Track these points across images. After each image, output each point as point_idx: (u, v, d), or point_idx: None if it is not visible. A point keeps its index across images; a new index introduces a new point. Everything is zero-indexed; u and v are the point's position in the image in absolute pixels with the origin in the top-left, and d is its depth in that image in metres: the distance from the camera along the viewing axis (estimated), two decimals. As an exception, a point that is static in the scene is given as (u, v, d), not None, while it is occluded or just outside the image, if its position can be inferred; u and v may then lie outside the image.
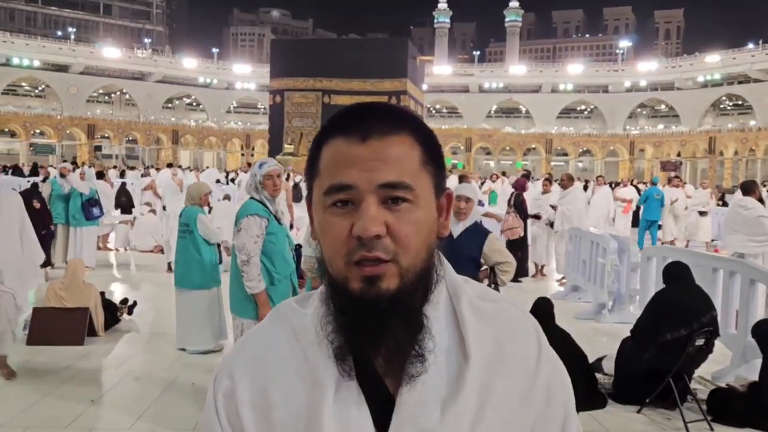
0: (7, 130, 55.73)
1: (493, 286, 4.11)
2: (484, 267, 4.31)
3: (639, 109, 68.44)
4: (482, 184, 21.46)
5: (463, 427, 0.77)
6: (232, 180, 21.94)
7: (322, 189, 0.80)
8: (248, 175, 4.32)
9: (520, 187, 10.56)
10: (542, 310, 4.94)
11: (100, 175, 12.40)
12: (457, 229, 4.24)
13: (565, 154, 64.87)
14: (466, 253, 4.15)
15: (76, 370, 5.42)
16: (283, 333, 0.86)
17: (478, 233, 4.32)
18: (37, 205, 9.59)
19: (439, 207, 0.84)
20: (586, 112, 71.43)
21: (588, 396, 4.63)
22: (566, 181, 10.03)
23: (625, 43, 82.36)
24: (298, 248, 4.29)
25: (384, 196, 0.77)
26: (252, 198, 4.07)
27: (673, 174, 28.68)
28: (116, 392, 5.00)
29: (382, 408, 0.79)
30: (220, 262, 6.05)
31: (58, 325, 6.06)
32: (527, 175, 13.57)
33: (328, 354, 0.80)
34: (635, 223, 15.85)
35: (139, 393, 4.93)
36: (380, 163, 0.78)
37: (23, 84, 61.49)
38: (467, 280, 0.90)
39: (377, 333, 0.77)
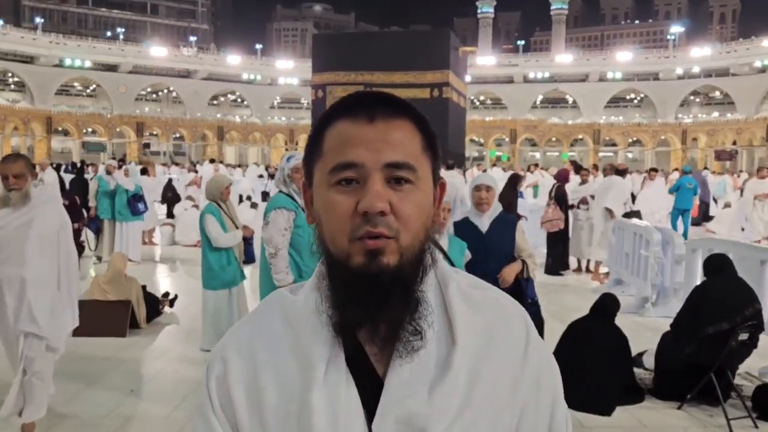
0: (60, 129, 57.67)
1: (525, 277, 3.96)
2: (516, 261, 3.99)
3: (692, 97, 66.16)
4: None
5: (451, 410, 0.79)
6: (271, 176, 22.20)
7: (327, 168, 0.83)
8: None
9: (562, 178, 10.36)
10: (604, 306, 4.81)
11: (144, 171, 12.69)
12: (483, 222, 3.99)
13: (614, 145, 63.29)
14: (500, 247, 3.90)
15: (117, 360, 5.58)
16: (274, 319, 0.88)
17: (507, 223, 4.07)
18: (65, 202, 9.93)
19: (434, 195, 0.87)
20: (635, 101, 69.47)
21: (624, 390, 4.51)
22: (608, 171, 9.79)
23: (677, 29, 79.70)
24: None
25: (389, 175, 0.81)
26: (280, 191, 4.10)
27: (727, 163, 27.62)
28: (155, 383, 5.12)
29: (370, 390, 0.81)
30: (246, 261, 5.84)
31: (101, 317, 6.23)
32: (577, 166, 13.22)
33: (319, 336, 0.82)
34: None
35: (176, 384, 5.04)
36: (386, 144, 0.81)
37: (75, 84, 63.50)
38: (457, 270, 0.92)
39: (376, 307, 0.79)
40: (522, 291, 3.88)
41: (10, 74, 59.04)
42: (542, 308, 4.21)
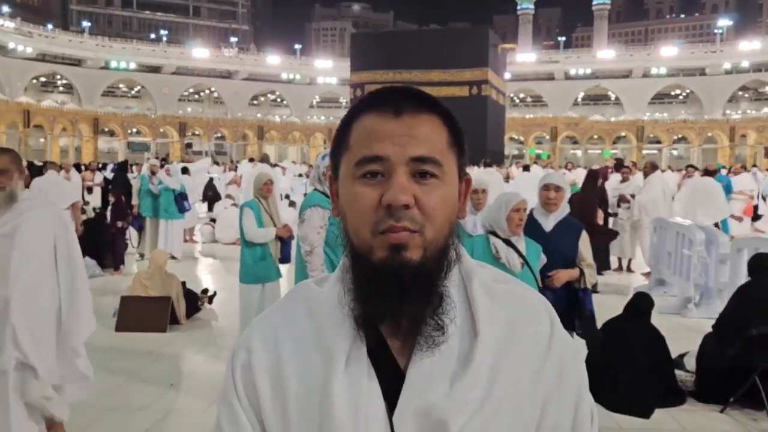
0: (107, 129, 59.26)
1: (581, 287, 3.78)
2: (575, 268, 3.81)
3: (740, 92, 64.14)
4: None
5: (472, 403, 0.79)
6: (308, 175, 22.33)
7: (352, 161, 0.83)
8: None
9: (602, 176, 10.18)
10: (638, 305, 4.71)
11: (185, 171, 12.95)
12: (548, 222, 3.84)
13: (658, 142, 61.79)
14: (560, 249, 3.74)
15: (158, 355, 5.71)
16: (298, 309, 0.90)
17: (572, 227, 3.87)
18: (111, 198, 10.20)
19: (459, 191, 0.88)
20: (681, 97, 67.71)
21: (664, 393, 4.40)
22: (648, 169, 9.56)
23: (724, 22, 77.35)
24: None
25: (414, 169, 0.81)
26: (316, 189, 4.11)
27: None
28: (194, 377, 5.23)
29: (391, 382, 0.81)
30: (282, 260, 5.63)
31: (142, 313, 6.40)
32: (620, 163, 12.96)
33: (342, 328, 0.83)
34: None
35: (214, 378, 5.12)
36: (412, 138, 0.82)
37: (121, 86, 65.16)
38: (482, 264, 0.93)
39: (397, 302, 0.79)
40: (580, 302, 3.75)
41: (58, 76, 60.97)
42: None
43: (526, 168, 16.82)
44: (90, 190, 15.72)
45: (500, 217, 3.39)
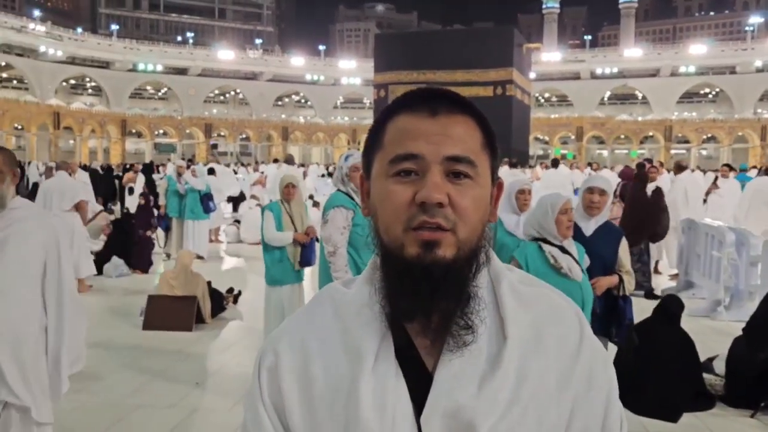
0: (134, 131, 60.17)
1: (621, 295, 3.66)
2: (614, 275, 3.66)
3: (772, 91, 62.92)
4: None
5: (499, 405, 0.79)
6: (330, 174, 22.40)
7: (386, 159, 0.84)
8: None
9: (627, 176, 10.03)
10: (667, 307, 4.63)
11: (211, 171, 13.08)
12: (588, 226, 3.69)
13: (687, 142, 60.81)
14: (600, 255, 3.60)
15: (184, 354, 5.77)
16: (326, 311, 0.90)
17: (612, 233, 3.74)
18: (141, 200, 10.33)
19: (491, 193, 0.88)
20: (710, 96, 66.53)
21: (693, 396, 4.32)
22: (676, 170, 9.40)
23: (755, 19, 75.76)
24: None
25: (448, 169, 0.81)
26: (339, 190, 4.11)
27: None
28: (219, 376, 5.28)
29: (419, 383, 0.81)
30: (303, 263, 5.56)
31: (169, 312, 6.48)
32: (641, 166, 12.72)
33: (369, 327, 0.83)
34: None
35: (239, 378, 5.16)
36: (447, 138, 0.82)
37: (148, 88, 66.14)
38: (510, 267, 0.92)
39: (428, 299, 0.79)
40: (620, 310, 3.64)
41: (87, 79, 62.11)
42: None
43: (555, 164, 16.43)
44: (131, 190, 15.91)
45: (548, 221, 3.22)
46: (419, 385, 0.81)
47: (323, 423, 0.83)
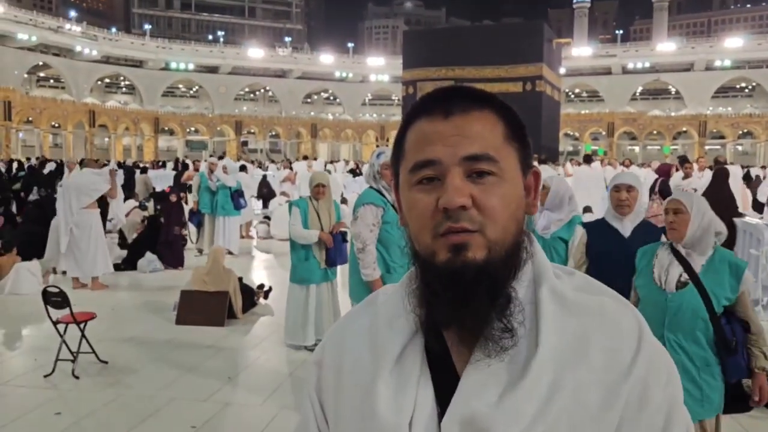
0: (166, 128, 61.10)
1: None
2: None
3: (811, 84, 61.18)
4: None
5: (522, 418, 0.74)
6: (353, 172, 22.34)
7: (408, 168, 0.83)
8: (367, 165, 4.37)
9: (664, 173, 9.89)
10: None
11: (243, 168, 13.20)
12: (624, 227, 3.42)
13: (722, 137, 59.48)
14: None
15: (216, 349, 5.84)
16: (367, 311, 0.91)
17: (651, 232, 3.42)
18: (173, 198, 10.47)
19: (527, 186, 0.84)
20: (746, 90, 64.97)
21: (730, 398, 4.23)
22: (714, 166, 9.22)
23: (793, 11, 73.81)
24: None
25: (468, 169, 0.79)
26: (371, 187, 4.12)
27: None
28: (250, 371, 5.33)
29: (447, 387, 0.79)
30: (329, 263, 5.62)
31: (201, 307, 6.57)
32: (684, 160, 12.49)
33: (397, 328, 0.84)
34: None
35: (270, 373, 5.22)
36: (463, 138, 0.80)
37: (180, 86, 67.08)
38: (572, 272, 0.87)
39: (461, 304, 0.77)
40: None
41: (121, 78, 63.23)
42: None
43: (588, 160, 16.08)
44: (190, 188, 16.09)
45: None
46: (447, 389, 0.79)
47: (346, 417, 0.85)
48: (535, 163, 0.87)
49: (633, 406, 0.76)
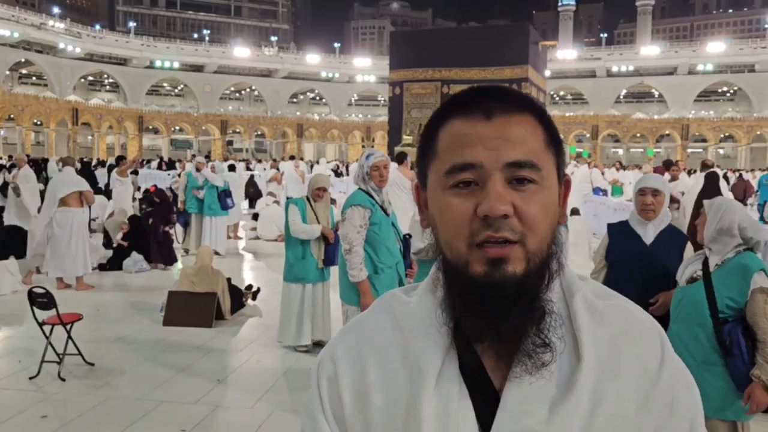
0: (151, 127, 60.58)
1: None
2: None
3: (791, 89, 62.10)
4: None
5: (571, 431, 0.73)
6: (336, 172, 22.26)
7: (442, 170, 0.77)
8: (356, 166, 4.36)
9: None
10: None
11: (231, 168, 13.12)
12: (647, 232, 3.28)
13: (704, 140, 60.19)
14: (663, 263, 3.18)
15: (205, 350, 5.79)
16: (384, 320, 0.85)
17: (675, 238, 3.28)
18: (156, 199, 10.41)
19: (558, 193, 0.81)
20: (728, 94, 65.82)
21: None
22: (702, 168, 9.32)
23: (774, 17, 74.90)
24: (406, 238, 4.26)
25: (510, 175, 0.74)
26: (359, 188, 4.13)
27: None
28: (240, 373, 5.28)
29: (485, 404, 0.76)
30: (327, 261, 5.60)
31: (189, 308, 6.50)
32: (669, 164, 12.61)
33: (432, 342, 0.78)
34: None
35: (261, 374, 5.18)
36: (506, 142, 0.75)
37: (165, 84, 66.60)
38: (584, 277, 0.85)
39: (499, 319, 0.73)
40: None
41: (105, 75, 62.64)
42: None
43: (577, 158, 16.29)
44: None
45: None
46: (486, 406, 0.75)
47: None
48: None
49: (664, 412, 0.76)
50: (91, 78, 62.71)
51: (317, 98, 72.07)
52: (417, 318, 0.81)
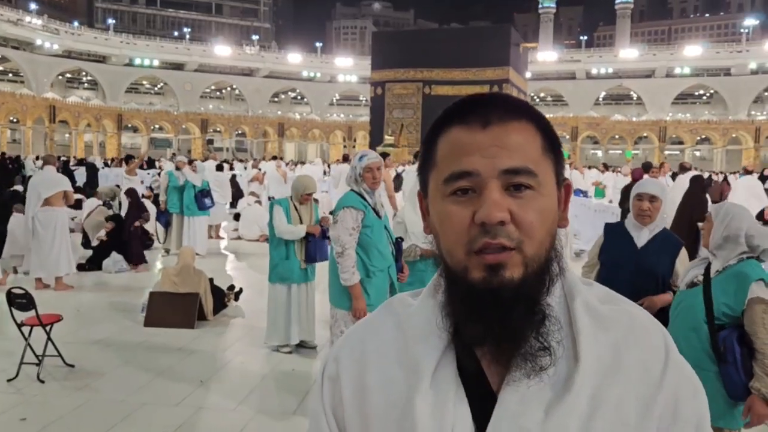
0: (130, 125, 59.90)
1: None
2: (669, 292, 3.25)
3: (766, 93, 63.17)
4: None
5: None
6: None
7: (441, 178, 0.79)
8: (349, 167, 4.31)
9: (637, 178, 10.07)
10: None
11: (219, 168, 13.03)
12: (641, 236, 3.32)
13: (681, 143, 61.07)
14: (651, 268, 3.24)
15: (187, 351, 5.75)
16: (388, 322, 0.86)
17: (669, 242, 3.33)
18: (128, 199, 10.33)
19: (558, 198, 0.82)
20: (705, 97, 66.82)
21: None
22: (680, 171, 9.47)
23: (750, 22, 76.04)
24: (398, 241, 4.21)
25: (507, 182, 0.76)
26: (352, 190, 4.04)
27: None
28: (223, 374, 5.25)
29: (482, 405, 0.77)
30: (308, 259, 5.57)
31: (171, 309, 6.45)
32: (648, 166, 12.75)
33: (430, 344, 0.80)
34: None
35: (243, 376, 5.15)
36: (502, 149, 0.76)
37: (144, 82, 65.87)
38: (590, 282, 0.86)
39: (497, 324, 0.74)
40: None
41: (83, 73, 61.80)
42: None
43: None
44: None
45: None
46: (483, 406, 0.76)
47: None
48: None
49: (667, 418, 0.76)
50: (69, 75, 61.84)
51: (299, 98, 71.81)
52: (417, 321, 0.82)
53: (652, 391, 0.76)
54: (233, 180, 17.00)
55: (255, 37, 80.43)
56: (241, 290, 7.58)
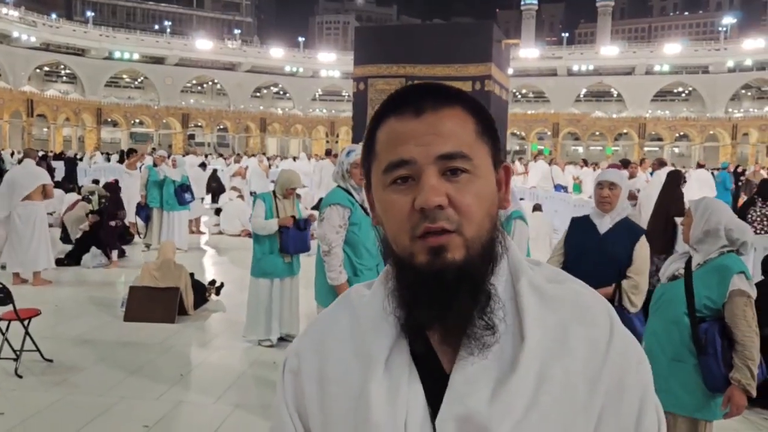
0: (110, 120, 59.20)
1: (616, 305, 3.22)
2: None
3: (743, 91, 64.06)
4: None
5: (515, 410, 0.75)
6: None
7: (380, 169, 0.82)
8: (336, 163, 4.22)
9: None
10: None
11: (203, 166, 12.92)
12: (603, 223, 3.42)
13: (660, 139, 61.79)
14: (613, 255, 3.31)
15: (167, 346, 5.73)
16: (344, 313, 0.88)
17: (629, 230, 3.42)
18: (106, 193, 10.23)
19: (498, 180, 0.84)
20: (683, 95, 67.58)
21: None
22: (656, 166, 9.61)
23: (728, 20, 77.19)
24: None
25: (443, 167, 0.78)
26: (339, 186, 3.93)
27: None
28: (203, 369, 5.25)
29: (436, 387, 0.78)
30: (282, 249, 5.55)
31: (151, 304, 6.42)
32: (626, 162, 12.90)
33: (382, 331, 0.81)
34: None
35: (222, 371, 5.15)
36: (436, 136, 0.79)
37: (124, 76, 65.06)
38: (538, 262, 0.89)
39: (443, 306, 0.77)
40: (629, 323, 3.18)
41: (62, 66, 60.85)
42: None
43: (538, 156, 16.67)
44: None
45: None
46: (437, 388, 0.78)
47: (336, 425, 0.82)
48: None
49: (613, 391, 0.78)
50: (47, 68, 60.84)
51: (281, 93, 71.42)
52: (370, 310, 0.84)
53: (598, 366, 0.78)
54: (214, 175, 16.92)
55: (237, 31, 79.80)
56: (222, 285, 7.56)
